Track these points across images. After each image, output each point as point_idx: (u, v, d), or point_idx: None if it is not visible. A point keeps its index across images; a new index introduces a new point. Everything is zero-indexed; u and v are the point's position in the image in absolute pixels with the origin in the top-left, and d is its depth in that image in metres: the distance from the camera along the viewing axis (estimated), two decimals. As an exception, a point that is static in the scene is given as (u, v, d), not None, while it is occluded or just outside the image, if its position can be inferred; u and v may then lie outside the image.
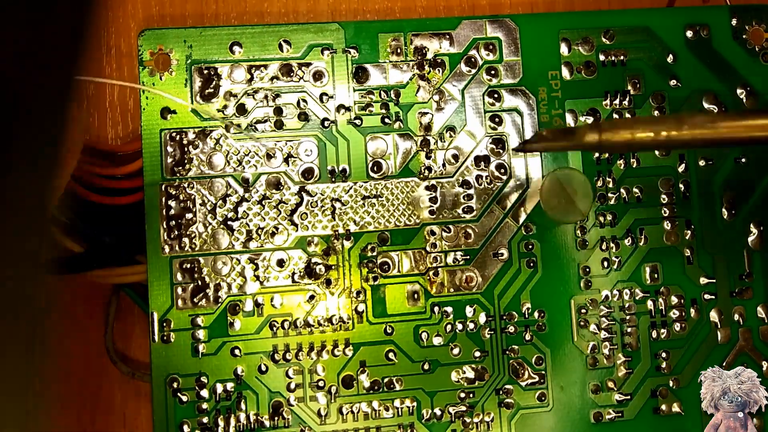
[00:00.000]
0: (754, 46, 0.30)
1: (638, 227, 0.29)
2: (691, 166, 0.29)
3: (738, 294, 0.29)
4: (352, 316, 0.27)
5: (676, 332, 0.29)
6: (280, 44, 0.28)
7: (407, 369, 0.28)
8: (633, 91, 0.29)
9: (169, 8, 0.31)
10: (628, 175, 0.29)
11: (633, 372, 0.29)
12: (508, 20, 0.29)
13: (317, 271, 0.27)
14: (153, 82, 0.27)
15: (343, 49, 0.28)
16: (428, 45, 0.29)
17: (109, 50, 0.31)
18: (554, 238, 0.29)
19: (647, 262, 0.29)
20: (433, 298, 0.28)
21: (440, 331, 0.28)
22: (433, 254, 0.28)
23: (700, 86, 0.30)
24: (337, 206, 0.28)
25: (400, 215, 0.28)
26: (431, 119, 0.28)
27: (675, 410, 0.29)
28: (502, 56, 0.29)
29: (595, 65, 0.29)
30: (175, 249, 0.27)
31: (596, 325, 0.28)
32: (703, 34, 0.30)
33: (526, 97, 0.29)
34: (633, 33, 0.29)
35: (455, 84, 0.29)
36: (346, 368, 0.27)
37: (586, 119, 0.29)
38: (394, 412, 0.27)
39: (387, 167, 0.28)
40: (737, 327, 0.29)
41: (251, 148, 0.27)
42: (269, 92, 0.28)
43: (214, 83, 0.27)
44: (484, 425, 0.28)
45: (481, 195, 0.28)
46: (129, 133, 0.30)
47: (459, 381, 0.28)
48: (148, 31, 0.27)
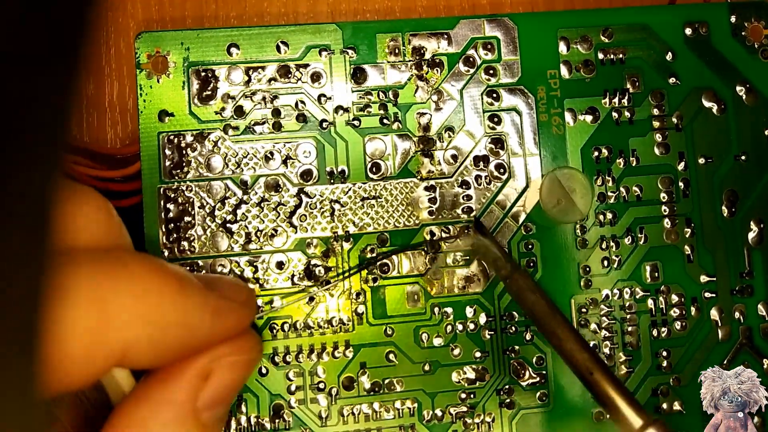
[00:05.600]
0: (753, 43, 0.30)
1: (638, 226, 0.29)
2: (691, 164, 0.29)
3: (738, 292, 0.29)
4: (352, 317, 0.27)
5: (677, 331, 0.29)
6: (278, 45, 0.28)
7: (408, 370, 0.28)
8: (632, 89, 0.29)
9: (169, 8, 0.31)
10: (627, 174, 0.29)
11: (634, 371, 0.29)
12: (506, 19, 0.29)
13: (316, 273, 0.27)
14: (150, 85, 0.27)
15: (341, 49, 0.28)
16: (426, 45, 0.29)
17: (109, 50, 0.31)
18: (554, 238, 0.29)
19: (647, 261, 0.29)
20: (433, 298, 0.28)
21: (440, 332, 0.28)
22: (433, 255, 0.28)
23: (699, 84, 0.30)
24: (336, 208, 0.28)
25: (399, 216, 0.28)
26: (430, 119, 0.28)
27: (676, 408, 0.29)
28: (500, 55, 0.29)
29: (593, 64, 0.29)
30: (174, 252, 0.27)
31: (597, 325, 0.28)
32: (702, 31, 0.30)
33: (525, 96, 0.29)
34: (632, 31, 0.29)
35: (454, 84, 0.29)
36: (346, 370, 0.27)
37: (585, 118, 0.29)
38: (394, 413, 0.27)
39: (386, 168, 0.28)
40: (738, 325, 0.29)
41: (249, 150, 0.27)
42: (267, 94, 0.28)
43: (211, 85, 0.27)
44: (485, 426, 0.28)
45: (481, 195, 0.28)
46: (128, 133, 0.30)
47: (460, 382, 0.28)
48: (145, 34, 0.27)
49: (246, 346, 0.20)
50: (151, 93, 0.27)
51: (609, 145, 0.29)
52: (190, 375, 0.18)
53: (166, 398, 0.18)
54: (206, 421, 0.19)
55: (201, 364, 0.19)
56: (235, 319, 0.20)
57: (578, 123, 0.29)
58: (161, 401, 0.18)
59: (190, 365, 0.19)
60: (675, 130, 0.29)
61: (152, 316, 0.17)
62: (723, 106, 0.30)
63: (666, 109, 0.29)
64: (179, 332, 0.18)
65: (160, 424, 0.18)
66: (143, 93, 0.27)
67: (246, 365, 0.20)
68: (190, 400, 0.18)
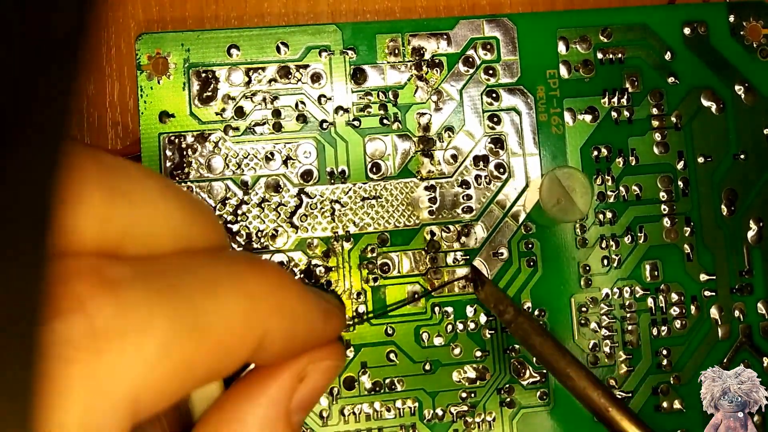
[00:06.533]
0: (752, 42, 0.30)
1: (638, 225, 0.29)
2: (690, 163, 0.29)
3: (738, 290, 0.29)
4: (353, 317, 0.28)
5: (677, 329, 0.29)
6: (278, 46, 0.28)
7: (408, 369, 0.28)
8: (631, 89, 0.29)
9: (169, 9, 0.31)
10: (627, 173, 0.29)
11: (634, 370, 0.29)
12: (505, 19, 0.29)
13: (317, 273, 0.27)
14: (151, 86, 0.27)
15: (340, 50, 0.28)
16: (426, 45, 0.29)
17: (109, 50, 0.31)
18: (554, 237, 0.29)
19: (647, 260, 0.29)
20: (433, 298, 0.28)
21: (441, 332, 0.28)
22: (433, 254, 0.28)
23: (698, 83, 0.30)
24: (337, 208, 0.28)
25: (399, 216, 0.28)
26: (430, 119, 0.28)
27: (676, 407, 0.29)
28: (499, 56, 0.29)
29: (593, 63, 0.29)
30: (175, 252, 0.27)
31: (597, 324, 0.28)
32: (701, 31, 0.30)
33: (524, 96, 0.29)
34: (631, 31, 0.29)
35: (453, 84, 0.29)
36: (347, 369, 0.27)
37: (584, 117, 0.29)
38: (395, 412, 0.27)
39: (386, 168, 0.28)
40: (737, 323, 0.29)
41: (250, 150, 0.28)
42: (267, 95, 0.28)
43: (212, 86, 0.28)
44: (486, 425, 0.28)
45: (481, 195, 0.28)
46: (129, 133, 0.30)
47: (460, 381, 0.28)
48: (145, 35, 0.27)
49: (339, 352, 0.20)
50: (151, 94, 0.27)
51: (608, 144, 0.29)
52: (288, 375, 0.18)
53: (266, 395, 0.18)
54: (294, 424, 0.19)
55: (301, 365, 0.19)
56: (338, 324, 0.20)
57: (578, 122, 0.29)
58: (261, 398, 0.18)
59: (290, 365, 0.19)
60: (674, 129, 0.29)
61: (286, 309, 0.17)
62: (722, 105, 0.30)
63: (665, 109, 0.29)
64: (305, 327, 0.18)
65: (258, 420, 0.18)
66: (144, 94, 0.27)
67: (335, 371, 0.20)
68: (286, 400, 0.18)
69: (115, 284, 0.13)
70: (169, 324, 0.13)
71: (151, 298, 0.13)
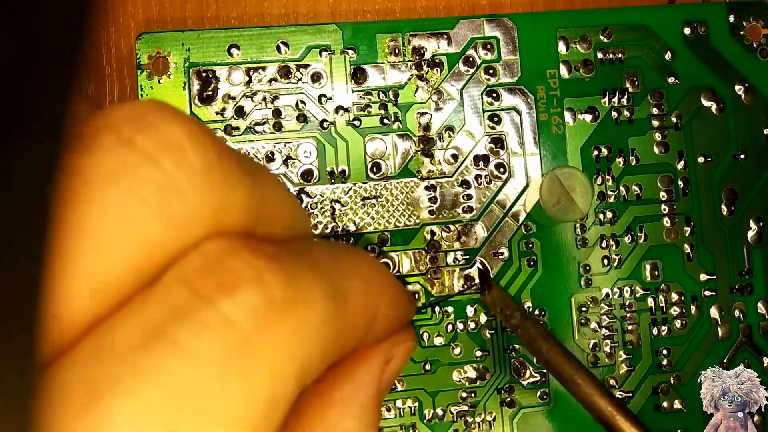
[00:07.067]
0: (752, 42, 0.30)
1: (638, 225, 0.29)
2: (690, 163, 0.29)
3: (738, 290, 0.29)
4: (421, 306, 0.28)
5: (677, 329, 0.29)
6: (278, 46, 0.28)
7: (408, 369, 0.28)
8: (631, 88, 0.29)
9: (170, 9, 0.31)
10: (627, 173, 0.29)
11: (634, 369, 0.29)
12: (505, 19, 0.29)
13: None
14: (151, 86, 0.27)
15: (341, 50, 0.28)
16: (426, 45, 0.29)
17: (109, 50, 0.31)
18: (554, 237, 0.29)
19: (647, 260, 0.29)
20: (433, 298, 0.28)
21: (441, 331, 0.28)
22: (433, 254, 0.28)
23: (698, 83, 0.30)
24: (337, 207, 0.28)
25: (399, 216, 0.28)
26: (430, 119, 0.28)
27: (677, 407, 0.29)
28: (500, 55, 0.29)
29: (593, 63, 0.29)
30: (175, 252, 0.27)
31: (597, 323, 0.29)
32: (700, 31, 0.30)
33: (524, 96, 0.29)
34: (631, 31, 0.29)
35: (453, 84, 0.29)
36: (347, 369, 0.27)
37: (584, 117, 0.29)
38: (395, 412, 0.27)
39: (386, 168, 0.28)
40: (737, 323, 0.29)
41: (250, 150, 0.28)
42: (268, 94, 0.28)
43: (212, 86, 0.28)
44: (486, 424, 0.28)
45: (481, 194, 0.28)
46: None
47: (460, 381, 0.28)
48: (145, 35, 0.27)
49: (414, 335, 0.21)
50: (152, 94, 0.27)
51: (608, 144, 0.29)
52: (379, 358, 0.19)
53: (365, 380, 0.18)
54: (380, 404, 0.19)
55: (388, 348, 0.19)
56: (414, 309, 0.21)
57: (578, 122, 0.29)
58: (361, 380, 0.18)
59: (378, 349, 0.19)
60: (674, 129, 0.29)
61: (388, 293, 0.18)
62: (722, 105, 0.30)
63: (665, 108, 0.29)
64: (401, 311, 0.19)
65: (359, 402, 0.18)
66: (144, 94, 0.27)
67: (410, 354, 0.21)
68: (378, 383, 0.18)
69: (277, 258, 0.13)
70: (324, 296, 0.14)
71: (305, 272, 0.14)
